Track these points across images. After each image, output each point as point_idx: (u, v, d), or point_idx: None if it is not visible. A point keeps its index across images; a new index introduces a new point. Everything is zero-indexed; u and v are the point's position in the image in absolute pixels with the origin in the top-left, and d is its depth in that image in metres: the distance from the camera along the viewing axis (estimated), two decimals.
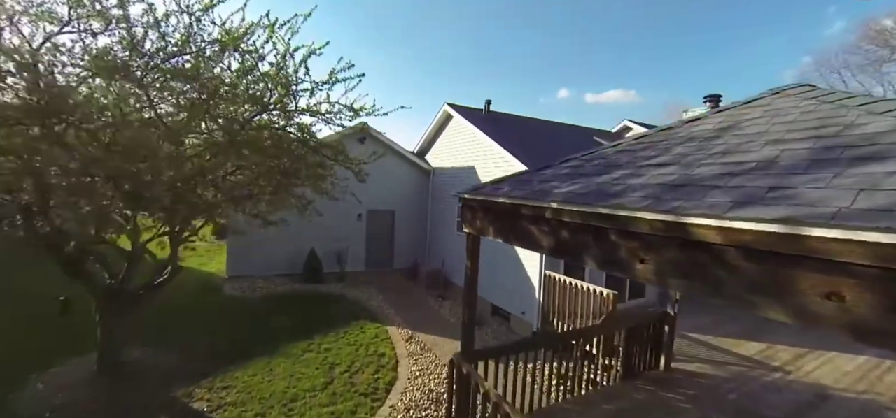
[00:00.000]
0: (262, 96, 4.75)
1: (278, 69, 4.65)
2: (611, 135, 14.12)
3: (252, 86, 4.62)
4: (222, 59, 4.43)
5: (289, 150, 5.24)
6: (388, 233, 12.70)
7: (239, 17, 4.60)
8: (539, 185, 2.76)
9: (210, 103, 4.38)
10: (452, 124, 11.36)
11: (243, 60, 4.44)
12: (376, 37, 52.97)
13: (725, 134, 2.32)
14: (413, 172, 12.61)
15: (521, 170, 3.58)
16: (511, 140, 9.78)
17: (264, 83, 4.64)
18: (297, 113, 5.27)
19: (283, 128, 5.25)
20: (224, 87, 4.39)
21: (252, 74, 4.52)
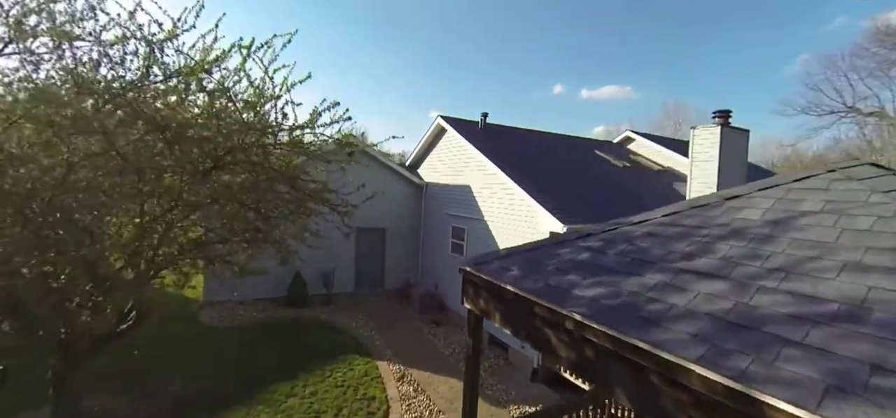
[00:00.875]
0: (237, 135, 4.30)
1: (255, 110, 4.20)
2: (612, 146, 13.90)
3: (223, 126, 4.16)
4: (188, 95, 3.97)
5: (268, 190, 4.80)
6: (378, 252, 12.27)
7: (209, 40, 4.17)
8: (556, 277, 2.40)
9: (175, 147, 3.92)
10: (446, 138, 10.97)
11: (212, 98, 3.98)
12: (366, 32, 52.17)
13: (780, 234, 1.98)
14: (405, 187, 12.19)
15: (533, 245, 3.21)
16: (509, 157, 9.44)
17: (239, 124, 4.18)
18: (277, 147, 4.83)
19: (261, 164, 4.80)
20: (191, 128, 3.93)
21: (222, 117, 4.06)
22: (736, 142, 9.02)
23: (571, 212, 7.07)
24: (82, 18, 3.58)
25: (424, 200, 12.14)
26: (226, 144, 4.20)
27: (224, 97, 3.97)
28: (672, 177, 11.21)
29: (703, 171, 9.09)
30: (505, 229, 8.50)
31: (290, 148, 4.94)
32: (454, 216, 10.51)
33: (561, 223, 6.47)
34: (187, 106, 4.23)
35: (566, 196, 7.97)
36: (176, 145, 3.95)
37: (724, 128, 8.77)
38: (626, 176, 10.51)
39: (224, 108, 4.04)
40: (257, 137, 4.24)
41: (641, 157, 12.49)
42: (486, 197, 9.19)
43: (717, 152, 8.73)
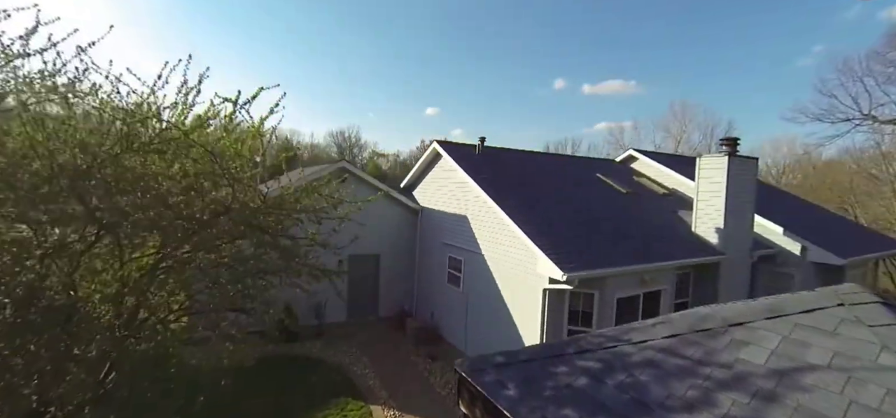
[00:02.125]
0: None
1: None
2: (614, 166, 13.88)
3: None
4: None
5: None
6: (372, 278, 12.22)
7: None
8: (553, 409, 2.35)
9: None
10: (442, 164, 10.93)
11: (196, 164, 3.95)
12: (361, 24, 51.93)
13: (785, 393, 1.95)
14: (400, 212, 12.15)
15: (531, 352, 3.16)
16: (507, 186, 9.41)
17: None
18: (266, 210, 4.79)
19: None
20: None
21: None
22: (744, 172, 9.01)
23: (572, 253, 7.04)
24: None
25: (420, 225, 12.09)
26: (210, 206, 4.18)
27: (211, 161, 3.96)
28: (677, 202, 11.20)
29: (710, 204, 9.09)
30: (504, 267, 8.47)
31: (279, 210, 4.90)
32: (450, 245, 10.47)
33: (561, 270, 6.44)
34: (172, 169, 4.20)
35: (567, 232, 7.94)
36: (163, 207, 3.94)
37: (731, 159, 8.76)
38: (629, 203, 10.49)
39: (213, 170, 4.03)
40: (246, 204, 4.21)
41: (645, 179, 12.48)
42: (484, 231, 9.15)
43: (724, 184, 8.72)
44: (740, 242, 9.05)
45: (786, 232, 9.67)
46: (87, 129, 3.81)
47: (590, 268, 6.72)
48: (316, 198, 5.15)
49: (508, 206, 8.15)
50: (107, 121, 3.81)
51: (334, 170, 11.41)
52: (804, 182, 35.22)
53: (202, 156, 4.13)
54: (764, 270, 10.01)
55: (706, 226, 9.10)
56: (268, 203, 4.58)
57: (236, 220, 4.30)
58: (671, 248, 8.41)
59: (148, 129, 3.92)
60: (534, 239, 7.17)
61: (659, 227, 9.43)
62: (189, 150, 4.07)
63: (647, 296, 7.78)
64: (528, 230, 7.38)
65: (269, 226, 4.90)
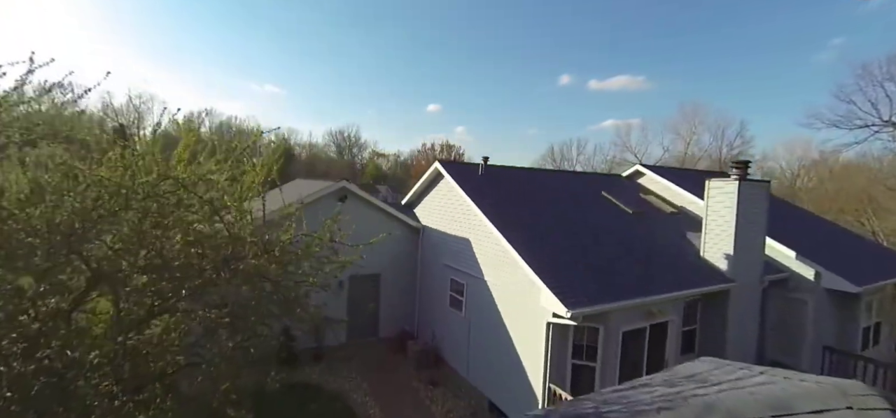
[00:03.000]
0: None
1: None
2: (621, 182, 13.86)
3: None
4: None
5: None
6: (372, 298, 12.27)
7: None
8: None
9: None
10: (444, 184, 10.97)
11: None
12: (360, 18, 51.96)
13: None
14: (401, 230, 12.19)
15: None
16: (510, 209, 9.43)
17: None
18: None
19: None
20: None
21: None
22: (755, 197, 8.96)
23: (577, 286, 7.05)
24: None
25: (421, 244, 12.13)
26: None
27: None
28: (685, 222, 11.16)
29: (719, 229, 9.06)
30: (507, 296, 8.50)
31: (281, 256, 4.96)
32: (452, 268, 10.50)
33: (565, 307, 6.45)
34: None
35: (572, 261, 7.95)
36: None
37: (742, 184, 8.71)
38: (635, 224, 10.47)
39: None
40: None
41: (652, 197, 12.45)
42: (487, 257, 9.18)
43: (733, 210, 8.68)
44: (751, 268, 9.01)
45: (798, 256, 9.61)
46: (85, 185, 3.88)
47: (595, 304, 6.73)
48: (318, 245, 5.19)
49: (512, 234, 8.17)
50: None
51: (335, 190, 11.50)
52: (819, 186, 34.94)
53: (204, 213, 4.21)
54: (775, 295, 9.97)
55: (715, 252, 9.06)
56: (271, 257, 4.64)
57: (239, 277, 4.35)
58: (679, 277, 8.39)
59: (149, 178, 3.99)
60: (537, 271, 7.18)
61: (666, 252, 9.41)
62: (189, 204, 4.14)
63: (654, 327, 7.78)
64: (531, 261, 7.40)
65: (272, 276, 4.97)
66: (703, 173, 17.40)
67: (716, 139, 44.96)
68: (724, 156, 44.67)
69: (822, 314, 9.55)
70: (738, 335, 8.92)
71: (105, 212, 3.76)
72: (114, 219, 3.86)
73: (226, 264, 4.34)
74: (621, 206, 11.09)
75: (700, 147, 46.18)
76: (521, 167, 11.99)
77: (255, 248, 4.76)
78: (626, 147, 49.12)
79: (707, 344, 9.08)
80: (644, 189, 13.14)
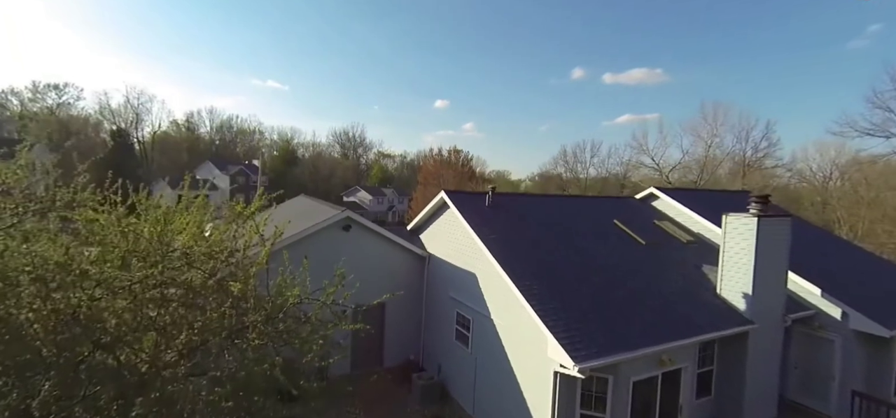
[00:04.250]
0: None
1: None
2: (634, 204, 13.84)
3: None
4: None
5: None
6: (377, 327, 12.50)
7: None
8: None
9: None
10: (449, 215, 11.12)
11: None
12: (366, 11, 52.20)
13: None
14: (406, 259, 12.39)
15: None
16: (519, 244, 9.55)
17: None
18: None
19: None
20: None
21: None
22: (776, 234, 8.91)
23: (585, 335, 7.16)
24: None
25: (427, 273, 12.31)
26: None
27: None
28: (701, 252, 11.12)
29: (736, 267, 9.05)
30: (514, 338, 8.62)
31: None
32: (459, 302, 10.66)
33: (572, 360, 6.56)
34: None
35: (581, 305, 8.04)
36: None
37: (761, 221, 8.68)
38: (649, 257, 10.49)
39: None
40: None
41: (667, 224, 12.42)
42: (493, 295, 9.31)
43: (752, 249, 8.67)
44: (771, 308, 8.97)
45: (824, 293, 9.52)
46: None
47: (603, 356, 6.83)
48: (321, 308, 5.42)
49: (519, 276, 8.29)
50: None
51: (340, 220, 11.73)
52: (854, 194, 34.00)
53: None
54: (800, 333, 9.89)
55: (733, 290, 9.05)
56: (276, 332, 4.88)
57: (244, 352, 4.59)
58: (694, 320, 8.41)
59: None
60: (545, 319, 7.30)
61: (681, 290, 9.42)
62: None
63: (666, 376, 7.83)
64: (538, 308, 7.52)
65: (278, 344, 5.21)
66: (721, 194, 17.24)
67: (739, 141, 44.10)
68: (749, 159, 43.84)
69: (850, 355, 9.34)
70: (757, 376, 8.90)
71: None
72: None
73: (230, 340, 4.58)
74: (635, 237, 11.10)
75: (722, 149, 45.35)
76: (530, 193, 12.06)
77: (260, 317, 5.01)
78: (643, 149, 48.56)
79: (724, 387, 9.09)
80: (658, 214, 13.11)
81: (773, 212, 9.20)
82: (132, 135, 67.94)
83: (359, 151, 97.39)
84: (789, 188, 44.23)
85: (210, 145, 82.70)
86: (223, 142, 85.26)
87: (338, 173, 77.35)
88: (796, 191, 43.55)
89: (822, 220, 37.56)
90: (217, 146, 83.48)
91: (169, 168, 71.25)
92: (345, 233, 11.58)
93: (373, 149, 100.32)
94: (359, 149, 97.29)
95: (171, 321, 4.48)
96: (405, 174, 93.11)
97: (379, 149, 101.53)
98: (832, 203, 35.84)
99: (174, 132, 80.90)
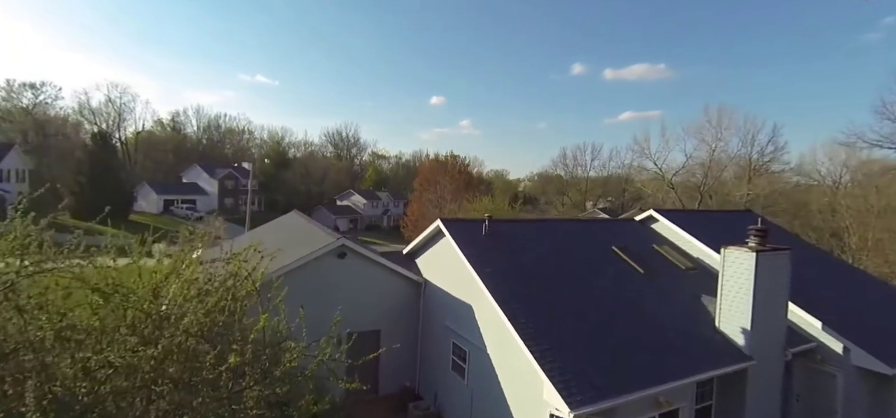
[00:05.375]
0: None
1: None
2: (634, 225, 14.13)
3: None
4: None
5: None
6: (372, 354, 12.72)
7: None
8: None
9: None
10: (446, 243, 11.36)
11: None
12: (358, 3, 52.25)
13: None
14: (401, 285, 12.63)
15: None
16: (515, 278, 9.80)
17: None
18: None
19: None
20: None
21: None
22: (775, 268, 9.16)
23: (581, 377, 7.41)
24: None
25: (423, 299, 12.55)
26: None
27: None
28: (700, 280, 11.37)
29: (735, 301, 9.31)
30: (510, 376, 8.88)
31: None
32: (455, 332, 10.91)
33: (568, 408, 6.82)
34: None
35: (577, 344, 8.29)
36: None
37: (759, 256, 8.93)
38: (647, 287, 10.76)
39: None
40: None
41: (666, 250, 12.69)
42: (489, 330, 9.56)
43: (751, 284, 8.91)
44: (771, 343, 9.24)
45: (825, 326, 9.78)
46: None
47: (599, 401, 7.08)
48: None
49: (516, 313, 8.52)
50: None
51: (335, 248, 11.93)
52: (864, 202, 34.30)
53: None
54: (801, 367, 10.12)
55: (731, 324, 9.32)
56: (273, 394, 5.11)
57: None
58: (692, 357, 8.68)
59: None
60: (541, 361, 7.54)
61: (679, 325, 9.69)
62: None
63: (663, 416, 8.09)
64: (535, 349, 7.76)
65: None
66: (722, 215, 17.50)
67: (745, 145, 44.45)
68: (755, 163, 44.17)
69: (854, 390, 9.48)
70: (757, 412, 9.17)
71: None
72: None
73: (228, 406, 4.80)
74: (633, 265, 11.38)
75: (727, 154, 45.68)
76: (528, 219, 12.33)
77: (256, 376, 5.23)
78: (645, 153, 48.84)
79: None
80: (658, 238, 13.40)
81: (772, 245, 9.44)
82: (114, 136, 67.55)
83: (353, 152, 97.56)
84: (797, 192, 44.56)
85: (197, 145, 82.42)
86: (211, 142, 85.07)
87: (331, 175, 77.33)
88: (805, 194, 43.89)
89: (830, 228, 37.94)
90: (204, 146, 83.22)
91: (154, 170, 70.96)
92: (340, 260, 11.81)
93: (367, 149, 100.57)
94: (353, 150, 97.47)
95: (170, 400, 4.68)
96: (401, 175, 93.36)
97: (373, 150, 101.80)
98: (841, 211, 36.15)
99: (159, 132, 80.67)
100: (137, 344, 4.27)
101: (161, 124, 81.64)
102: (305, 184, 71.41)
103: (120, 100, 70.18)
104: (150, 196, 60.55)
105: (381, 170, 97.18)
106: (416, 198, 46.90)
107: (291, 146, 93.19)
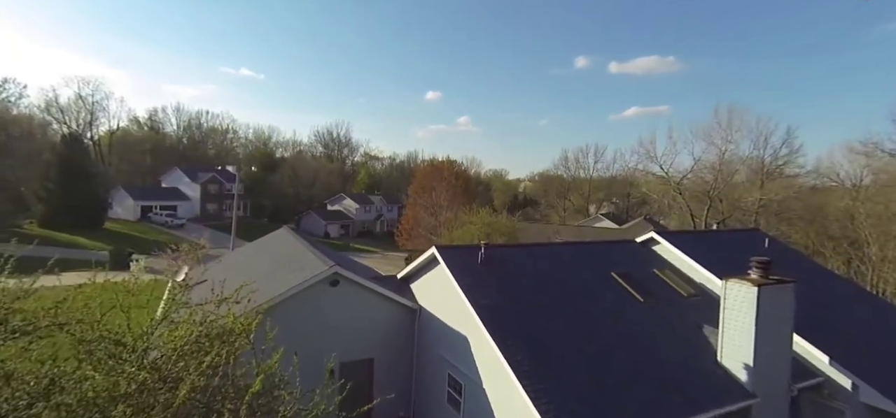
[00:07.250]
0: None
1: None
2: (635, 247, 14.51)
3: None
4: None
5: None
6: (365, 385, 13.04)
7: None
8: None
9: None
10: (440, 271, 11.69)
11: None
12: None
13: None
14: (396, 312, 12.94)
15: None
16: (511, 311, 10.15)
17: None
18: None
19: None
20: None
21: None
22: (778, 302, 9.50)
23: (577, 414, 7.78)
24: None
25: (418, 326, 12.88)
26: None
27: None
28: (702, 308, 11.72)
29: (737, 335, 9.64)
30: (504, 413, 9.22)
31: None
32: (450, 363, 11.25)
33: None
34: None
35: (576, 380, 8.66)
36: None
37: (761, 290, 9.27)
38: (648, 318, 11.13)
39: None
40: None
41: (667, 274, 13.07)
42: (485, 364, 9.90)
43: (753, 318, 9.25)
44: (775, 379, 9.57)
45: (832, 361, 10.11)
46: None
47: None
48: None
49: (512, 353, 8.83)
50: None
51: (327, 277, 12.22)
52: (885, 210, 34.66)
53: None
54: (808, 401, 10.45)
55: (733, 358, 9.67)
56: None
57: None
58: (692, 394, 9.03)
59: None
60: (537, 402, 7.87)
61: (679, 358, 10.04)
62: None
63: None
64: (531, 389, 8.10)
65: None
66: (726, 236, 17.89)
67: (757, 147, 44.86)
68: (768, 166, 44.54)
69: None
70: None
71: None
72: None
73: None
74: (633, 293, 11.75)
75: (738, 156, 46.06)
76: (525, 244, 12.68)
77: None
78: (651, 157, 49.32)
79: None
80: (659, 260, 13.78)
81: (775, 277, 9.79)
82: (86, 136, 66.88)
83: (344, 152, 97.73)
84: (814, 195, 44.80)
85: (177, 145, 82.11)
86: (192, 142, 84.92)
87: (321, 177, 77.43)
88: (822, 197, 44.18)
89: (848, 236, 38.37)
90: (185, 146, 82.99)
91: (130, 173, 70.58)
92: (332, 288, 12.12)
93: (359, 149, 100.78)
94: (344, 151, 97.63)
95: None
96: (395, 176, 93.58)
97: (366, 150, 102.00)
98: (860, 218, 36.47)
99: (136, 131, 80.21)
100: (132, 414, 4.59)
101: (137, 123, 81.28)
102: (294, 187, 71.45)
103: (92, 97, 69.77)
104: (126, 202, 60.30)
105: (374, 171, 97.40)
106: (411, 205, 47.24)
107: (279, 146, 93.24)
